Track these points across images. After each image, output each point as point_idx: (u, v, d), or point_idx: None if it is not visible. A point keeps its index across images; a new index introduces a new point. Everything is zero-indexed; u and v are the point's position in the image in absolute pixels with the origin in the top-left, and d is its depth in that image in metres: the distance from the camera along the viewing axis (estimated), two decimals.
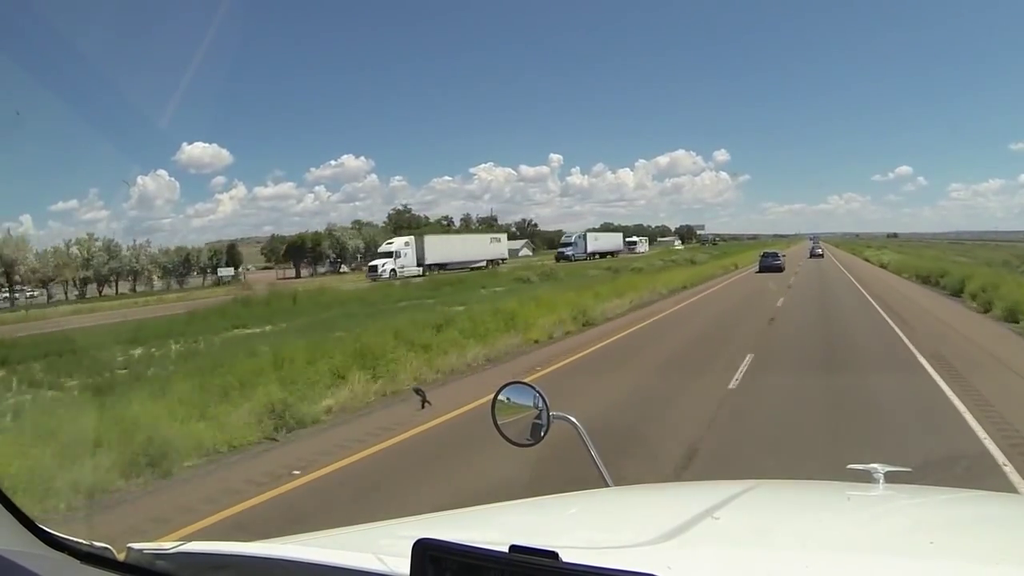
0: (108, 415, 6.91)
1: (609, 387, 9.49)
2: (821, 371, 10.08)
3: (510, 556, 0.88)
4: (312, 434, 7.50)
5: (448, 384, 10.12)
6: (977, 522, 1.68)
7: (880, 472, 1.92)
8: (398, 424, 7.65)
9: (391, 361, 9.91)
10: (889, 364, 10.45)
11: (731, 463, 5.95)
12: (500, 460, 5.18)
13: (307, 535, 1.53)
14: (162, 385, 8.62)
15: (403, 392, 9.19)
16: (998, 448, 5.95)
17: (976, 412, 7.09)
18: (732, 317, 18.10)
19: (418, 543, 0.90)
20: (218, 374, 8.82)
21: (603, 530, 1.64)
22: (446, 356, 11.07)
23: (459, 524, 1.74)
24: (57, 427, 6.35)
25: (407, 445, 7.00)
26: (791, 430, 6.91)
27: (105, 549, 1.23)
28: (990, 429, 6.48)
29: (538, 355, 12.66)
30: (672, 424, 7.33)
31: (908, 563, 1.24)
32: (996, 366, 9.92)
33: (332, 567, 1.10)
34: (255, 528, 4.85)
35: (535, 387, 2.03)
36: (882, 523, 1.63)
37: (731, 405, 8.10)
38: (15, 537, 1.18)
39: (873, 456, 2.13)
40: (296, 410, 7.69)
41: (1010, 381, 8.79)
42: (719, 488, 1.96)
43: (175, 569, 1.19)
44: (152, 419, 6.68)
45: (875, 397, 8.23)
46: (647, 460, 5.95)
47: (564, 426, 2.00)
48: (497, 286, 31.82)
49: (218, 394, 7.90)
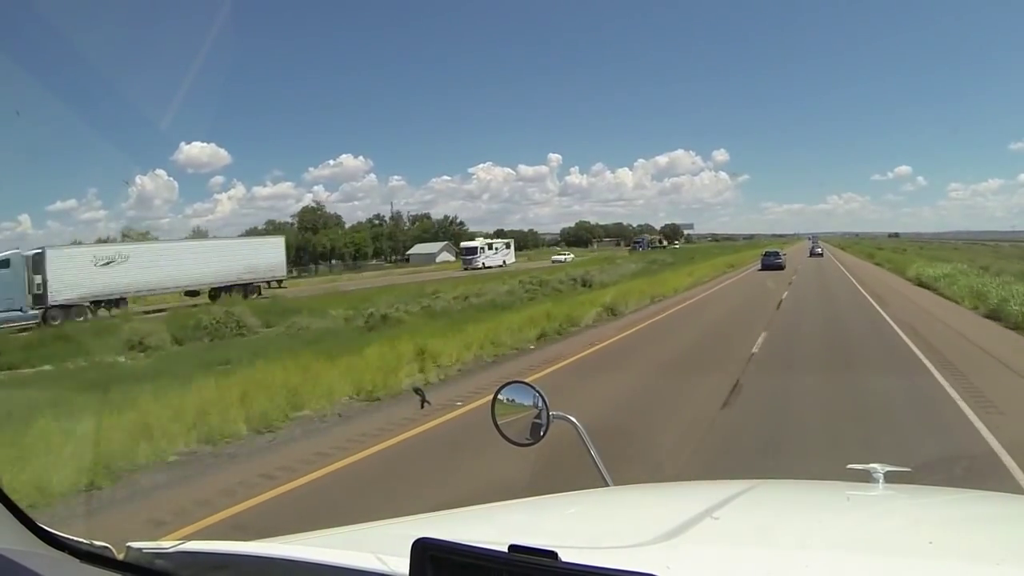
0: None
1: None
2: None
3: (509, 556, 0.88)
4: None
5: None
6: (977, 522, 1.68)
7: (880, 472, 1.92)
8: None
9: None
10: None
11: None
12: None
13: (307, 535, 1.53)
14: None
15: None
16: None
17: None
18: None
19: (417, 542, 0.90)
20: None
21: (603, 530, 1.64)
22: None
23: (459, 523, 1.74)
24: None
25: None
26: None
27: (105, 548, 1.23)
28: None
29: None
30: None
31: (908, 563, 1.24)
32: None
33: (332, 566, 1.10)
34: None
35: (535, 387, 2.04)
36: (882, 523, 1.63)
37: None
38: (15, 537, 1.18)
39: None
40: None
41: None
42: (719, 488, 1.96)
43: (174, 568, 1.19)
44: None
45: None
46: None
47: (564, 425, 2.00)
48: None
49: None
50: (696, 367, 11.15)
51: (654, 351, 13.18)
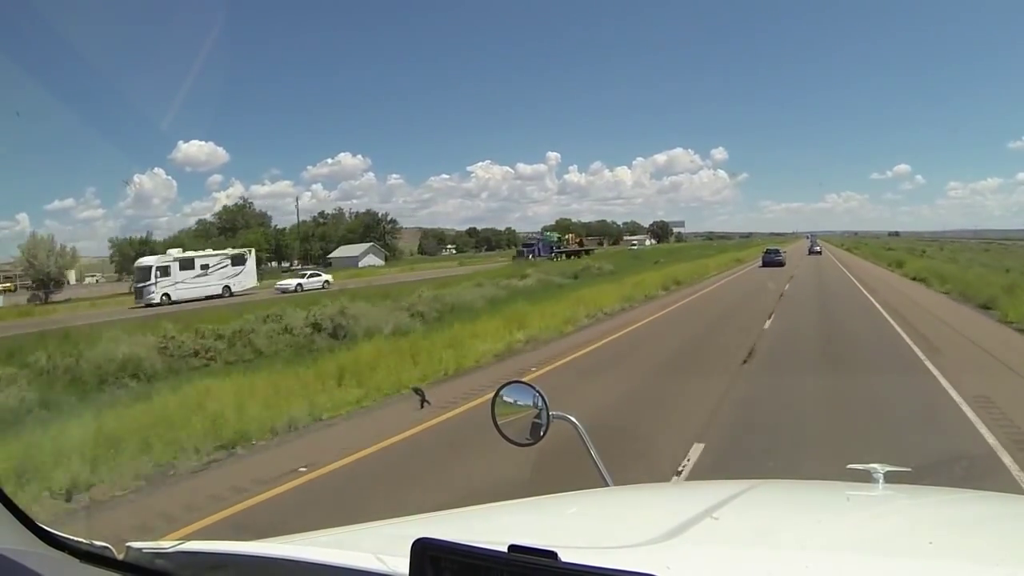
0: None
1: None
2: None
3: (509, 556, 0.88)
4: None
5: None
6: (977, 522, 1.68)
7: (880, 472, 1.92)
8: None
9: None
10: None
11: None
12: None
13: (307, 534, 1.53)
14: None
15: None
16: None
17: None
18: None
19: (417, 542, 0.91)
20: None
21: (602, 530, 1.63)
22: None
23: (458, 524, 1.74)
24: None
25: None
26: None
27: (105, 548, 1.23)
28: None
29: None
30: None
31: (908, 563, 1.24)
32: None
33: (331, 566, 1.10)
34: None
35: (535, 387, 2.04)
36: (882, 523, 1.63)
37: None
38: (15, 537, 1.18)
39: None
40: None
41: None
42: (718, 488, 1.96)
43: (174, 568, 1.19)
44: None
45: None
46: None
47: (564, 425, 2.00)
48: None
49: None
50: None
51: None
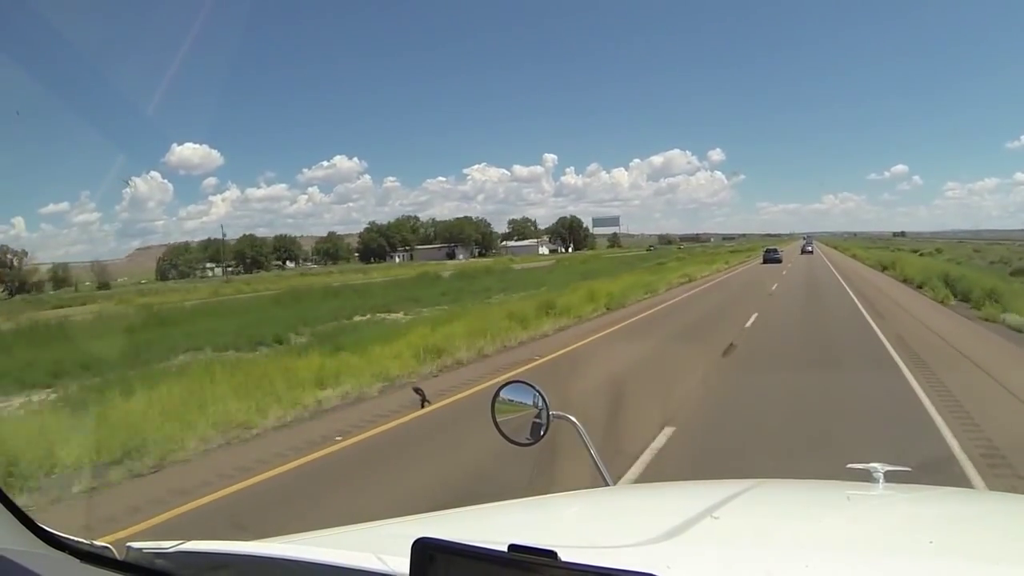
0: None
1: None
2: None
3: (509, 555, 0.87)
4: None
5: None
6: (977, 522, 1.69)
7: (880, 471, 1.92)
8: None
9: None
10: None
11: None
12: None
13: (306, 534, 1.53)
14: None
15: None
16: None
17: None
18: None
19: (417, 542, 0.90)
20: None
21: (602, 529, 1.64)
22: None
23: (458, 523, 1.74)
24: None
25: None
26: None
27: (105, 548, 1.23)
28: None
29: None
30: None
31: (908, 562, 1.25)
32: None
33: (332, 566, 1.10)
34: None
35: (535, 386, 2.04)
36: (882, 522, 1.63)
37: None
38: (15, 537, 1.18)
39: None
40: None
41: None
42: (718, 488, 1.96)
43: (175, 568, 1.19)
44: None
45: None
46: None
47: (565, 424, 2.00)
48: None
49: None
50: None
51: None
